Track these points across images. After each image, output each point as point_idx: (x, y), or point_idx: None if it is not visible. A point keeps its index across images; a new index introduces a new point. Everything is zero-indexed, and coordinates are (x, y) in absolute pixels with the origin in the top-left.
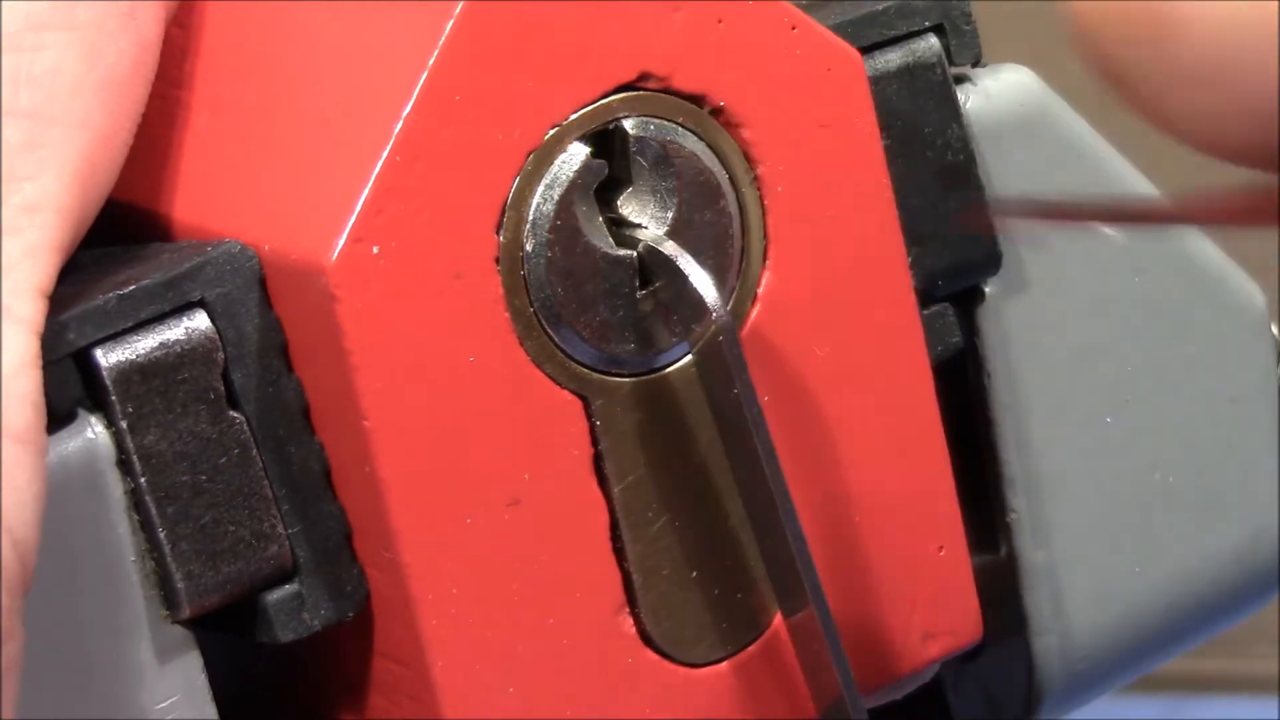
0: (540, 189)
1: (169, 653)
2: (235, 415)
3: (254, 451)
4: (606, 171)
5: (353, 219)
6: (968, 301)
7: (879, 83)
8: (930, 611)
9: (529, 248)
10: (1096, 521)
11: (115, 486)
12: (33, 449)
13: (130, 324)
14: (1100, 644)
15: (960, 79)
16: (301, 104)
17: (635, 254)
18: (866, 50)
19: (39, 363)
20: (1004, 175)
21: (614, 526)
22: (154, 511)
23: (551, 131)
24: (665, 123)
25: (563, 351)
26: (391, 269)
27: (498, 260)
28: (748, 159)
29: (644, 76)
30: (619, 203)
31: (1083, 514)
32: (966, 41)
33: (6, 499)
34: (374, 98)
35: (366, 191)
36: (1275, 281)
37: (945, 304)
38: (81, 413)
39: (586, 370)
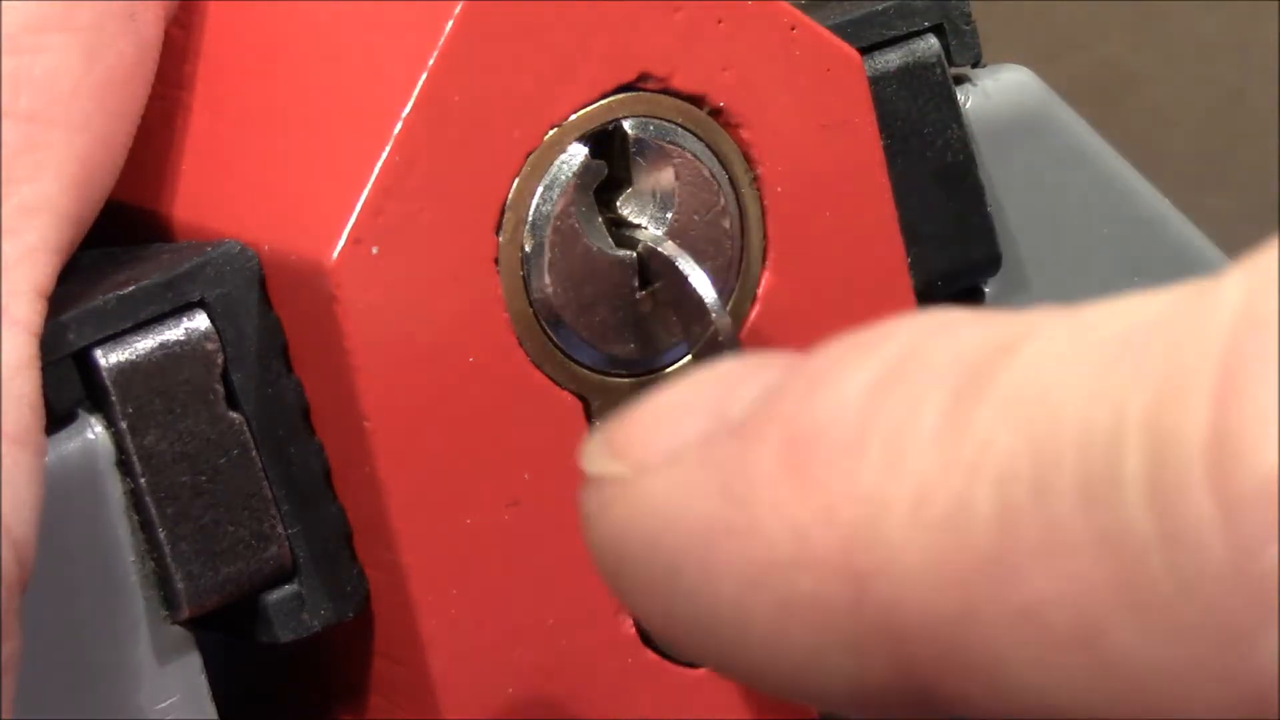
0: (540, 189)
1: (168, 653)
2: (235, 416)
3: (254, 452)
4: (606, 172)
5: (352, 219)
6: (968, 302)
7: (879, 83)
8: None
9: (528, 248)
10: None
11: (115, 487)
12: (31, 450)
13: (130, 324)
14: None
15: (960, 79)
16: (301, 104)
17: (635, 254)
18: (866, 50)
19: (37, 364)
20: (1004, 175)
21: None
22: (154, 512)
23: (551, 132)
24: (665, 123)
25: (562, 352)
26: (391, 269)
27: (497, 261)
28: (747, 159)
29: (643, 77)
30: (619, 203)
31: None
32: (966, 42)
33: (5, 500)
34: (374, 98)
35: (366, 192)
36: None
37: (945, 304)
38: (81, 413)
39: (586, 371)
